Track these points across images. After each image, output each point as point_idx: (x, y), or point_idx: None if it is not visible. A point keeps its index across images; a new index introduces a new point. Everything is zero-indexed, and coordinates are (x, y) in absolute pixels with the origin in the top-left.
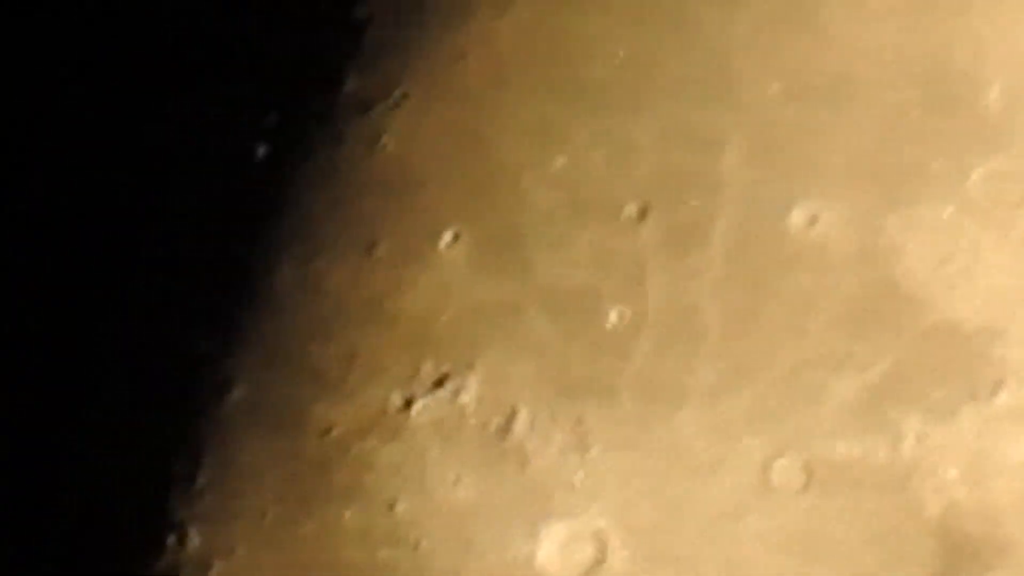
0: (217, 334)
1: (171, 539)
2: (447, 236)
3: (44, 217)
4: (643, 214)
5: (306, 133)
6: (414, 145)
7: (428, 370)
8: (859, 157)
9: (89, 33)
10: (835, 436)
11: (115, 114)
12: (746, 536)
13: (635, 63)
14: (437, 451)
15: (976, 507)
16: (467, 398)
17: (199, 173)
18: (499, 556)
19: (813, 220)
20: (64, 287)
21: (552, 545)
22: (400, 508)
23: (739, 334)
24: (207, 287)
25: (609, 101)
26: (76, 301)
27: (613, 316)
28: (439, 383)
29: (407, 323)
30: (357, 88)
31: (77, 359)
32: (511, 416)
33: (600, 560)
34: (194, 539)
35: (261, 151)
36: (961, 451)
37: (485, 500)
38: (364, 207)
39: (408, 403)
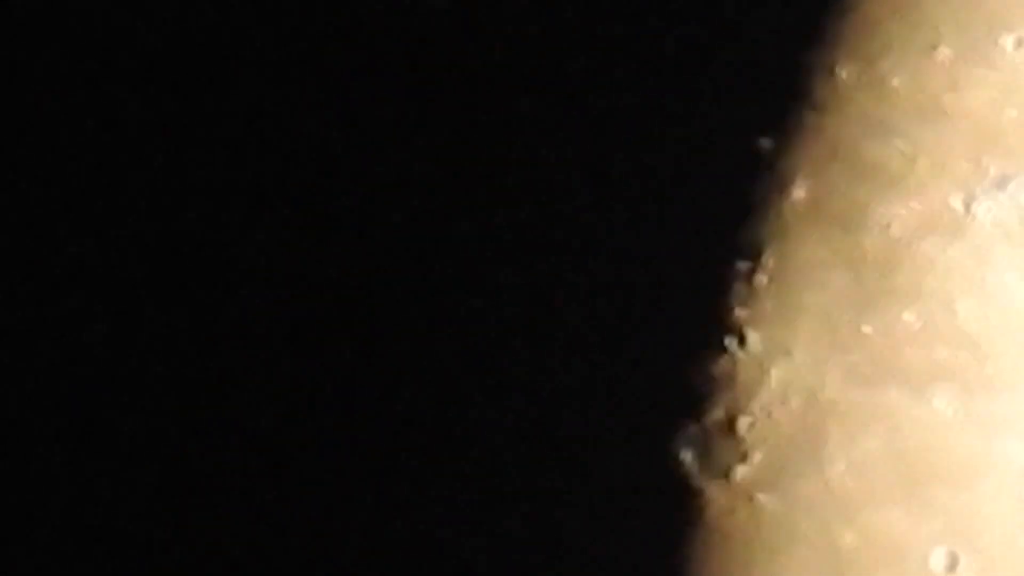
0: (778, 133)
1: (731, 341)
2: (1010, 39)
3: None
4: None
5: None
6: None
7: (990, 170)
8: None
9: None
10: None
11: None
12: None
13: None
14: (999, 251)
15: None
16: None
17: None
18: None
19: None
20: None
21: None
22: (961, 309)
23: None
24: (767, 88)
25: None
26: None
27: None
28: (1001, 183)
29: (969, 123)
30: None
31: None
32: None
33: None
34: (754, 341)
35: None
36: None
37: None
38: (926, 9)
39: (969, 202)
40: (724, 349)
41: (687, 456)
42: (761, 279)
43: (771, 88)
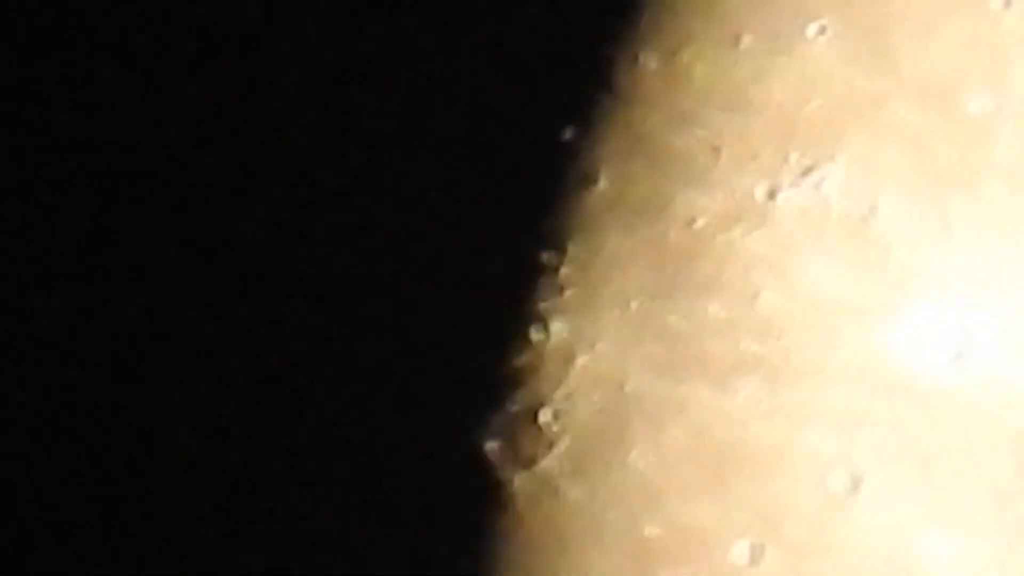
0: (581, 124)
1: (535, 332)
2: (814, 27)
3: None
4: (1008, 3)
5: None
6: None
7: (793, 160)
8: None
9: None
10: None
11: None
12: None
13: None
14: (801, 241)
15: None
16: (831, 188)
17: None
18: (863, 348)
19: None
20: None
21: (916, 337)
22: (763, 299)
23: None
24: (570, 77)
25: None
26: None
27: (977, 105)
28: (804, 173)
29: (773, 113)
30: None
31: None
32: (874, 206)
33: (965, 350)
34: (558, 332)
35: None
36: None
37: (849, 291)
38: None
39: (773, 193)
40: (529, 340)
41: (491, 447)
42: (565, 271)
43: (574, 78)
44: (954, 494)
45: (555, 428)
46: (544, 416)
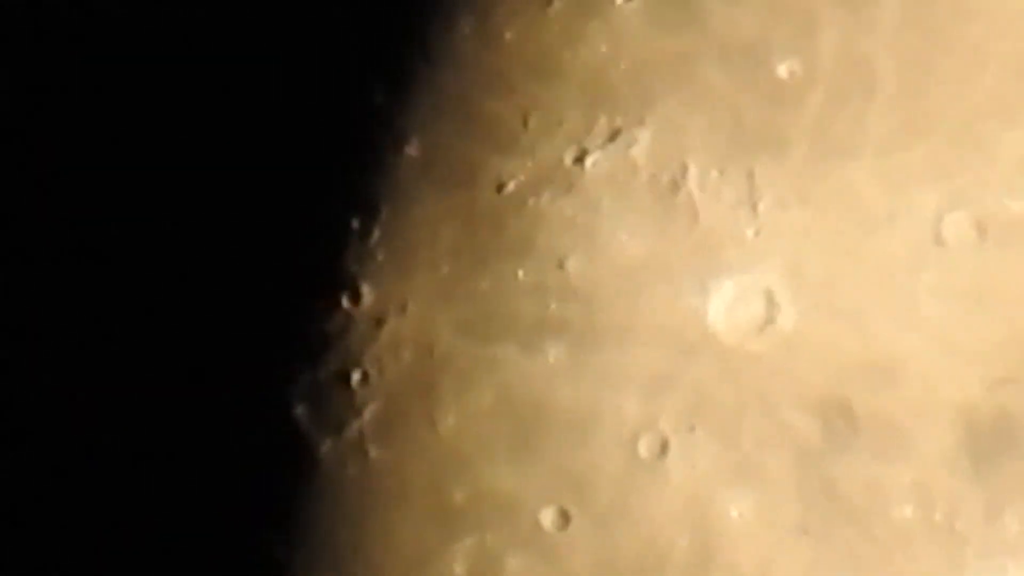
0: (393, 87)
1: (344, 296)
2: None
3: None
4: None
5: None
6: None
7: (602, 123)
8: None
9: None
10: (1008, 191)
11: None
12: (919, 289)
13: None
14: (609, 205)
15: None
16: (638, 152)
17: None
18: (669, 311)
19: None
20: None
21: (722, 301)
22: (571, 264)
23: (912, 87)
24: (383, 40)
25: None
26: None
27: (785, 69)
28: (612, 137)
29: (582, 76)
30: None
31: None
32: (682, 170)
33: (770, 316)
34: (367, 295)
35: None
36: None
37: (656, 255)
38: None
39: (581, 157)
40: (338, 304)
41: (300, 411)
42: (375, 235)
43: (386, 41)
44: (758, 456)
45: (363, 393)
46: (353, 380)
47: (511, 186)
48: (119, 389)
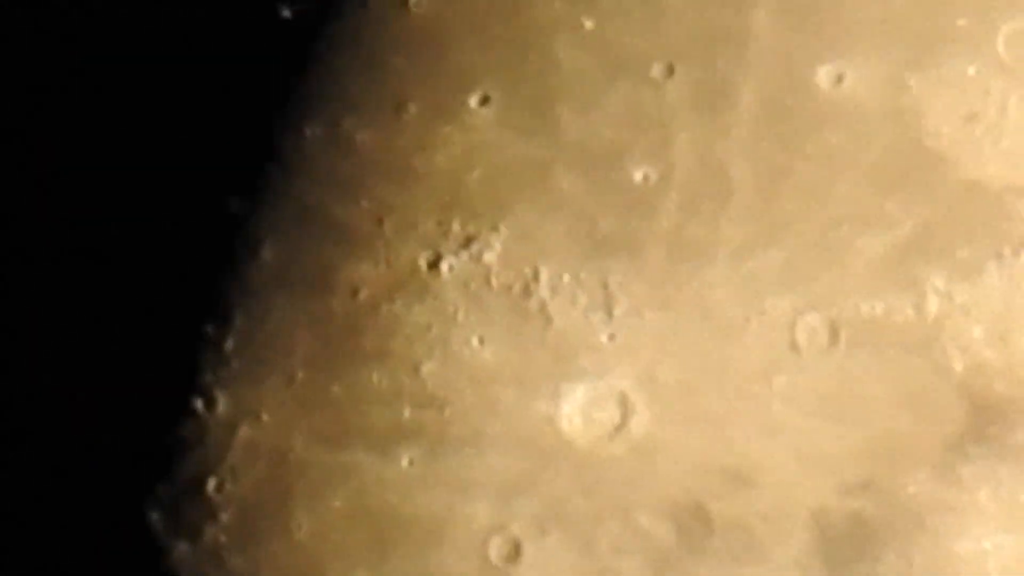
0: (246, 194)
1: (199, 403)
2: (476, 96)
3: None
4: (671, 72)
5: None
6: (444, 4)
7: (456, 229)
8: (885, 15)
9: None
10: (861, 295)
11: None
12: (775, 396)
13: None
14: (463, 312)
15: (1002, 366)
16: (493, 258)
17: (224, 32)
18: (523, 416)
19: (840, 79)
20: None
21: (576, 406)
22: (426, 370)
23: (767, 193)
24: (235, 147)
25: None
26: (97, 155)
27: (640, 175)
28: (467, 243)
29: (436, 182)
30: None
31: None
32: (536, 276)
33: (624, 421)
34: (222, 403)
35: (287, 11)
36: (986, 310)
37: (509, 361)
38: (393, 66)
39: (436, 262)
40: (193, 411)
41: (155, 517)
42: (229, 342)
43: (239, 147)
44: (613, 562)
45: (218, 499)
46: (208, 487)
47: (365, 292)
48: None
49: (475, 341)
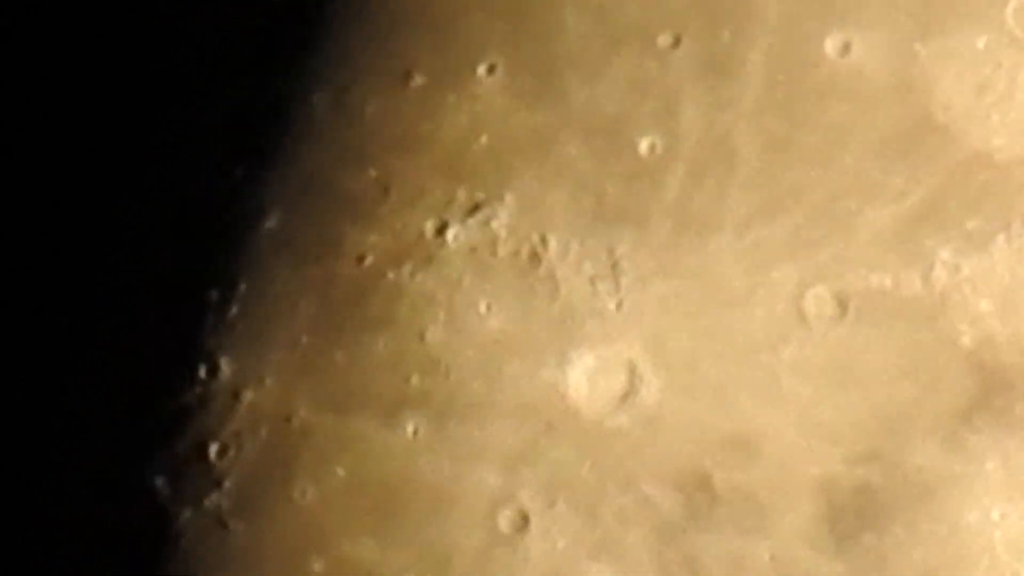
0: (252, 162)
1: (202, 369)
2: (483, 66)
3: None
4: (677, 43)
5: None
6: None
7: (462, 197)
8: None
9: None
10: (868, 266)
11: None
12: (780, 365)
13: None
14: (469, 279)
15: (1009, 338)
16: (499, 225)
17: (234, 3)
18: (529, 385)
19: (846, 49)
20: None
21: (583, 374)
22: (431, 336)
23: (773, 163)
24: (242, 115)
25: None
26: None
27: (646, 145)
28: (473, 210)
29: (442, 151)
30: None
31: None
32: (542, 244)
33: (632, 389)
34: (225, 369)
35: None
36: (994, 282)
37: (516, 328)
38: (400, 36)
39: (442, 230)
40: (196, 377)
41: (159, 483)
42: (233, 308)
43: (246, 117)
44: (618, 531)
45: (221, 465)
46: (212, 452)
47: (371, 259)
48: None
49: (481, 308)
